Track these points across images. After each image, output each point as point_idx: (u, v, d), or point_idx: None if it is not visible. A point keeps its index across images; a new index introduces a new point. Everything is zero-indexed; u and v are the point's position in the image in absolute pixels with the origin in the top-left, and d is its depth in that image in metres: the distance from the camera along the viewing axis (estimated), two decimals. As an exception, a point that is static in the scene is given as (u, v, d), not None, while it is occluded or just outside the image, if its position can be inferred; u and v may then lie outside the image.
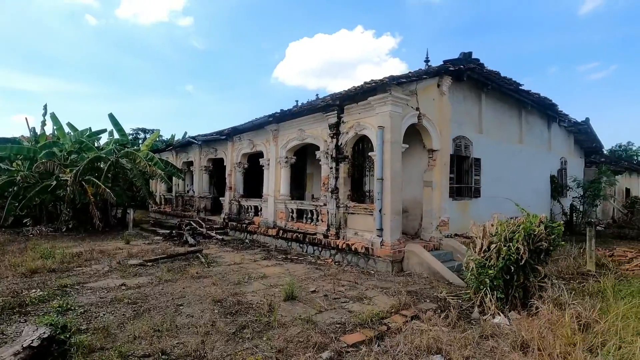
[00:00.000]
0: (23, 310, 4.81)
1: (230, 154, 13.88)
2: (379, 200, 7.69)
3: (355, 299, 5.66)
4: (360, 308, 5.23)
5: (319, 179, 12.93)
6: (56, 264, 7.28)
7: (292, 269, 7.68)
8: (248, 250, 10.04)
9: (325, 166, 9.41)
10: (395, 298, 5.70)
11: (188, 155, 17.53)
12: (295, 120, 10.42)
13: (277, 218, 11.14)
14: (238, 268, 7.66)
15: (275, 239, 10.91)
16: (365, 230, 8.33)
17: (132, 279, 6.57)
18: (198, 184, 16.32)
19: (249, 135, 12.68)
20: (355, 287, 6.31)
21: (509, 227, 5.34)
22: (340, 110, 8.86)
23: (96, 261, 7.97)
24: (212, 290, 5.84)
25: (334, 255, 8.83)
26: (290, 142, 10.75)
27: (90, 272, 6.95)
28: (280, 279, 6.78)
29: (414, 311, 5.00)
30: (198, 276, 6.80)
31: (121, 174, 13.13)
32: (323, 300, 5.56)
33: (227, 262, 8.25)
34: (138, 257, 8.48)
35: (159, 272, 7.07)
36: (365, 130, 8.35)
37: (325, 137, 9.42)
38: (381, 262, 7.66)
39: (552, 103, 13.02)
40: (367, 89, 7.75)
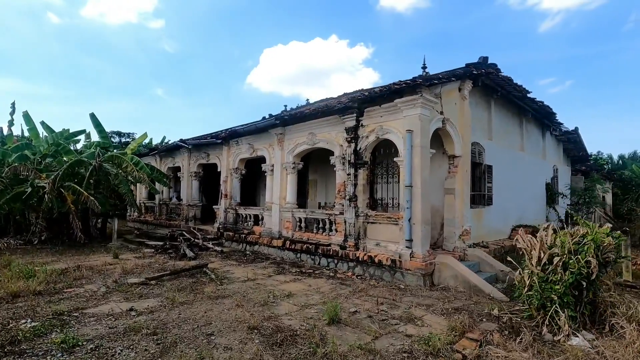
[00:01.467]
0: (16, 349, 3.85)
1: (225, 159, 12.99)
2: (408, 209, 7.19)
3: (403, 319, 5.08)
4: (417, 331, 4.66)
5: (323, 186, 12.34)
6: (41, 285, 6.19)
7: (314, 285, 7.00)
8: (254, 263, 9.22)
9: (341, 172, 8.83)
10: (447, 318, 5.20)
11: (174, 160, 16.39)
12: (304, 124, 9.79)
13: (283, 228, 10.39)
14: (255, 285, 6.87)
15: (281, 250, 10.15)
16: (388, 241, 7.79)
17: (139, 301, 5.65)
18: (186, 191, 15.22)
19: (249, 139, 11.89)
20: (396, 306, 5.73)
21: (571, 237, 4.98)
22: (359, 113, 8.34)
23: (87, 280, 6.92)
24: (240, 314, 5.07)
25: (353, 268, 8.22)
26: (299, 146, 10.10)
27: (86, 295, 5.94)
28: (309, 298, 6.09)
29: (480, 334, 4.48)
30: (215, 296, 5.98)
31: (104, 179, 11.90)
32: (370, 322, 4.95)
33: (239, 278, 7.44)
34: (135, 274, 7.49)
35: (167, 292, 6.17)
36: (388, 135, 7.87)
37: (341, 141, 8.85)
38: (410, 276, 7.14)
39: (552, 112, 13.18)
40: (395, 90, 7.28)
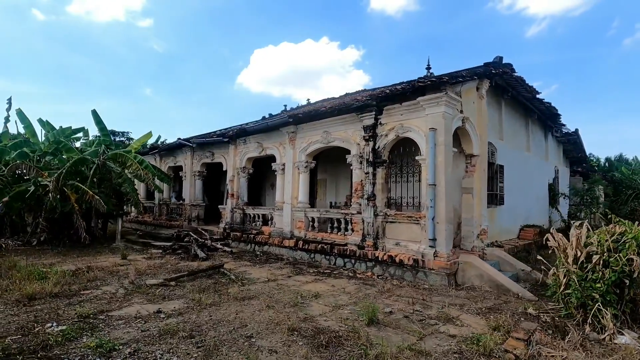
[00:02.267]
0: (50, 354, 3.61)
1: (232, 157, 12.75)
2: (432, 208, 7.11)
3: (441, 319, 4.98)
4: (458, 331, 4.56)
5: (332, 186, 12.22)
6: (57, 287, 5.90)
7: (338, 286, 6.85)
8: (268, 264, 9.02)
9: (358, 171, 8.72)
10: (483, 317, 5.12)
11: (176, 159, 16.06)
12: (319, 122, 9.65)
13: (295, 228, 10.22)
14: (277, 286, 6.69)
15: (293, 250, 9.97)
16: (409, 241, 7.70)
17: (164, 303, 5.42)
18: (189, 191, 14.91)
19: (258, 138, 11.69)
20: (428, 305, 5.63)
21: (610, 235, 4.96)
22: (378, 112, 8.25)
23: (102, 281, 6.64)
24: (273, 316, 4.90)
25: (372, 268, 8.10)
26: (312, 145, 9.95)
27: (105, 297, 5.68)
28: (337, 298, 5.95)
29: (524, 333, 4.41)
30: (241, 297, 5.78)
31: (107, 178, 11.54)
32: (408, 322, 4.83)
33: (258, 278, 7.24)
34: (150, 275, 7.24)
35: (190, 293, 5.95)
36: (409, 133, 7.79)
37: (358, 139, 8.74)
38: (434, 275, 7.05)
39: (557, 113, 13.34)
40: (419, 87, 7.21)
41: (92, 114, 13.61)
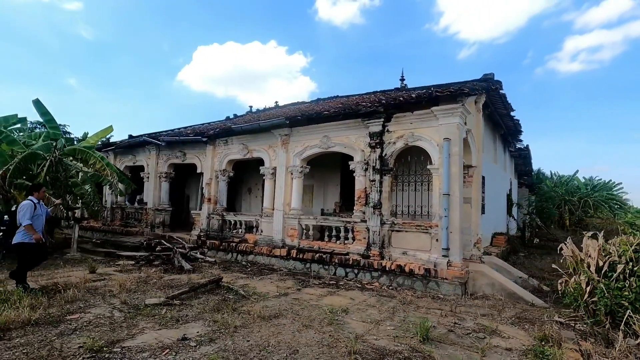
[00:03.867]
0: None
1: (210, 159, 11.77)
2: (446, 218, 7.14)
3: (485, 332, 4.92)
4: (510, 344, 4.52)
5: (320, 192, 11.88)
6: (33, 312, 4.75)
7: (356, 298, 6.52)
8: (263, 275, 8.36)
9: (362, 178, 8.51)
10: (520, 327, 5.19)
11: (136, 158, 14.44)
12: (318, 126, 9.28)
13: (287, 236, 9.67)
14: (293, 301, 6.16)
15: (285, 260, 9.41)
16: (417, 250, 7.66)
17: (181, 327, 4.63)
18: (153, 194, 13.46)
19: (243, 139, 10.92)
20: (460, 317, 5.56)
21: (630, 246, 5.33)
22: (386, 118, 8.14)
23: (85, 302, 5.53)
24: (318, 337, 4.44)
25: (378, 278, 7.91)
26: (308, 149, 9.53)
27: (102, 322, 4.69)
28: (367, 313, 5.62)
29: (573, 343, 4.51)
30: (266, 316, 5.17)
31: (62, 177, 9.89)
32: (457, 337, 4.69)
33: (267, 293, 6.62)
34: (139, 292, 6.24)
35: (204, 313, 5.20)
36: (419, 142, 7.79)
37: (362, 146, 8.55)
38: (447, 285, 7.07)
39: (521, 130, 14.52)
40: (434, 96, 7.24)
41: (34, 104, 11.59)
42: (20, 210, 5.78)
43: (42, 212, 6.06)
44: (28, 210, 5.72)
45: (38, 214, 5.92)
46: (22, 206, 5.82)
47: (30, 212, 5.73)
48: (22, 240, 5.74)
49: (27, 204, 5.82)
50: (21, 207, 5.80)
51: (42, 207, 6.10)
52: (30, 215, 5.72)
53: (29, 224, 5.68)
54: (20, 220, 5.67)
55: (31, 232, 5.72)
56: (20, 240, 5.74)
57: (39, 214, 5.95)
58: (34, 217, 5.80)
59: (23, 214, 5.66)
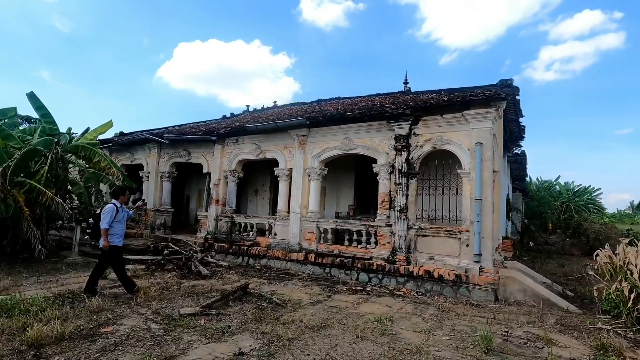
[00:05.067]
0: None
1: (218, 159, 11.33)
2: (478, 223, 7.07)
3: (542, 341, 4.81)
4: (570, 354, 4.43)
5: (333, 195, 11.66)
6: (65, 325, 4.30)
7: (393, 306, 6.33)
8: (284, 281, 8.04)
9: (386, 182, 8.34)
10: (570, 336, 5.13)
11: (134, 156, 13.79)
12: (339, 127, 9.06)
13: (304, 239, 9.38)
14: (330, 309, 5.91)
15: (302, 264, 9.12)
16: (445, 255, 7.56)
17: (230, 340, 4.30)
18: (154, 194, 12.86)
19: (255, 139, 10.56)
20: (507, 325, 5.45)
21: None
22: (413, 121, 8.02)
23: (112, 313, 5.09)
24: (379, 349, 4.22)
25: (404, 283, 7.75)
26: (328, 151, 9.29)
27: (141, 335, 4.30)
28: (412, 322, 5.44)
29: (632, 352, 4.47)
30: (315, 327, 4.89)
31: (62, 176, 9.25)
32: (516, 347, 4.57)
33: (300, 300, 6.31)
34: (165, 300, 5.83)
35: (246, 323, 4.88)
36: (448, 146, 7.70)
37: (387, 149, 8.39)
38: (479, 291, 6.98)
39: (523, 136, 14.77)
40: (468, 100, 7.16)
41: (28, 97, 10.84)
42: (102, 213, 5.78)
43: (124, 217, 6.08)
44: (109, 214, 5.73)
45: (120, 218, 5.92)
46: (105, 210, 5.82)
47: (110, 216, 5.74)
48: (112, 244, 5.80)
49: (110, 208, 5.81)
50: (104, 211, 5.81)
51: (124, 212, 6.10)
52: (110, 219, 5.73)
53: (105, 228, 5.71)
54: (100, 223, 5.74)
55: (104, 236, 5.75)
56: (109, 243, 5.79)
57: (121, 219, 5.96)
58: (115, 222, 5.82)
59: (103, 217, 5.70)
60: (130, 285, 6.03)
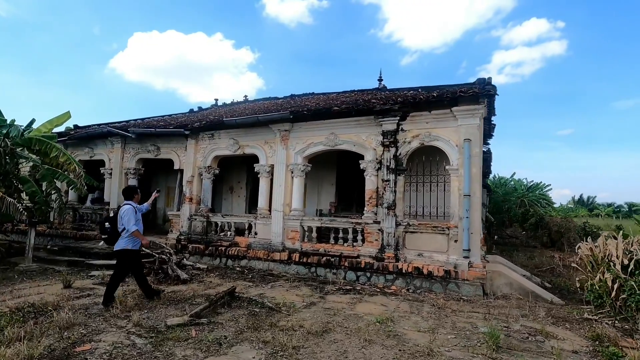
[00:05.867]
0: None
1: (192, 155, 10.63)
2: (467, 219, 7.12)
3: (539, 335, 4.88)
4: (572, 347, 4.52)
5: (315, 192, 11.38)
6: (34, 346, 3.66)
7: (388, 305, 6.19)
8: (268, 282, 7.65)
9: (373, 178, 8.20)
10: (564, 328, 5.26)
11: (93, 151, 12.64)
12: (324, 122, 8.78)
13: (287, 239, 9.02)
14: (326, 311, 5.64)
15: (286, 264, 8.76)
16: (434, 251, 7.56)
17: (230, 353, 3.90)
18: (118, 193, 11.80)
19: (234, 133, 10.01)
20: (506, 321, 5.48)
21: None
22: (401, 117, 7.93)
23: (87, 327, 4.47)
24: (389, 353, 4.04)
25: (393, 281, 7.66)
26: (312, 147, 8.99)
27: (127, 353, 3.77)
28: (412, 321, 5.32)
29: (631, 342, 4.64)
30: (317, 332, 4.59)
31: (12, 172, 8.17)
32: (521, 342, 4.58)
33: (292, 303, 5.98)
34: (145, 309, 5.27)
35: (242, 333, 4.49)
36: (436, 142, 7.69)
37: (374, 145, 8.25)
38: (467, 286, 7.04)
39: (492, 134, 15.34)
40: (460, 95, 7.17)
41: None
42: (123, 215, 5.46)
43: (140, 217, 5.78)
44: (131, 214, 5.47)
45: (138, 218, 5.65)
46: (124, 211, 5.49)
47: (134, 217, 5.50)
48: (126, 247, 5.50)
49: (129, 209, 5.51)
50: (124, 213, 5.47)
51: (139, 210, 5.82)
52: (135, 220, 5.49)
53: (136, 229, 5.47)
54: (126, 226, 5.42)
55: (140, 237, 5.55)
56: (124, 246, 5.49)
57: (139, 218, 5.70)
58: (137, 221, 5.57)
59: (127, 219, 5.42)
60: (151, 291, 5.79)
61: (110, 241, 5.66)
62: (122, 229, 5.47)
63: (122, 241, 5.50)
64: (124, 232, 5.46)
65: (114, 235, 5.56)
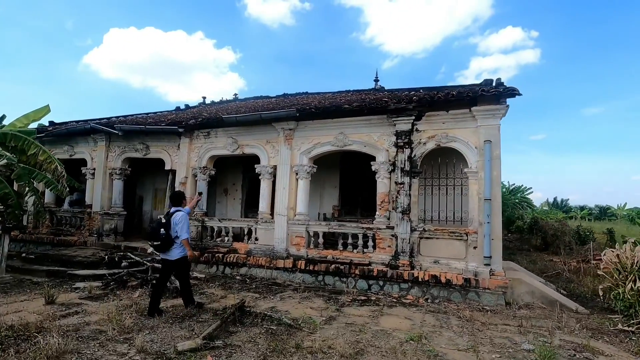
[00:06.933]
0: None
1: (185, 154, 9.89)
2: (488, 224, 6.77)
3: (585, 351, 4.52)
4: (624, 364, 4.19)
5: (317, 195, 10.84)
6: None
7: (413, 318, 5.72)
8: (275, 293, 7.06)
9: (385, 181, 7.76)
10: (603, 342, 4.95)
11: (73, 149, 11.67)
12: (332, 120, 8.27)
13: (291, 245, 8.45)
14: (351, 327, 5.12)
15: (290, 272, 8.19)
16: (451, 258, 7.18)
17: (259, 385, 3.32)
18: (101, 195, 10.94)
19: (232, 132, 9.35)
20: (542, 334, 5.11)
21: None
22: (417, 117, 7.53)
23: (79, 356, 3.78)
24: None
25: (408, 290, 7.23)
26: (319, 147, 8.47)
27: (136, 389, 3.14)
28: (445, 337, 4.88)
29: (676, 357, 4.35)
30: (351, 355, 4.07)
31: (-17, 171, 7.23)
32: None
33: (310, 318, 5.43)
34: (147, 329, 4.59)
35: (266, 357, 3.91)
36: (453, 143, 7.33)
37: (387, 145, 7.81)
38: (489, 295, 6.69)
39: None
40: (481, 94, 6.82)
41: None
42: (178, 222, 5.28)
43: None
44: (186, 222, 5.35)
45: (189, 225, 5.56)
46: (180, 218, 5.31)
47: (188, 224, 5.40)
48: (184, 255, 5.38)
49: (184, 215, 5.36)
50: (180, 219, 5.30)
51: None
52: (188, 227, 5.39)
53: (187, 237, 5.35)
54: (179, 234, 5.26)
55: (187, 247, 5.40)
56: (182, 254, 5.37)
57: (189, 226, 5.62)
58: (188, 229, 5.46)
59: (181, 227, 5.28)
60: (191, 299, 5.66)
61: (161, 248, 5.29)
62: (175, 236, 5.25)
63: (178, 249, 5.33)
64: (177, 239, 5.27)
65: (167, 243, 5.24)
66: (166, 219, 5.32)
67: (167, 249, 5.26)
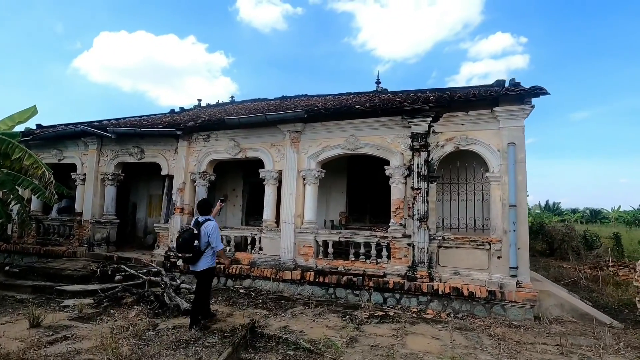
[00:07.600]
0: None
1: (184, 158, 9.29)
2: (514, 232, 6.32)
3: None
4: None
5: (323, 200, 10.29)
6: None
7: (442, 338, 5.22)
8: (283, 308, 6.49)
9: (401, 186, 7.28)
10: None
11: (62, 154, 10.98)
12: (342, 122, 7.79)
13: (298, 255, 7.90)
14: (377, 350, 4.61)
15: (298, 285, 7.64)
16: (472, 269, 6.72)
17: None
18: (92, 202, 10.25)
19: (233, 134, 8.80)
20: (586, 356, 4.67)
21: None
22: (434, 118, 7.09)
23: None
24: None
25: (427, 303, 6.73)
26: (328, 150, 7.97)
27: None
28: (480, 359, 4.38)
29: None
30: (384, 386, 3.56)
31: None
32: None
33: (330, 340, 4.89)
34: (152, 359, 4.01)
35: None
36: (474, 146, 6.89)
37: (401, 149, 7.35)
38: (515, 309, 6.22)
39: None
40: (505, 93, 6.41)
41: None
42: (210, 232, 5.09)
43: None
44: (218, 232, 5.22)
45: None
46: (210, 228, 5.10)
47: (219, 234, 5.28)
48: (212, 265, 5.24)
49: (214, 225, 5.18)
50: (212, 229, 5.11)
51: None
52: (220, 237, 5.28)
53: (223, 247, 5.38)
54: (215, 244, 5.14)
55: (223, 257, 5.51)
56: (211, 264, 5.22)
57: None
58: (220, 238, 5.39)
59: (216, 237, 5.14)
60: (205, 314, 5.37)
61: (192, 260, 5.05)
62: (205, 246, 5.07)
63: (208, 259, 5.15)
64: (208, 250, 5.08)
65: (198, 254, 5.02)
66: (197, 229, 5.05)
67: (197, 261, 5.06)
